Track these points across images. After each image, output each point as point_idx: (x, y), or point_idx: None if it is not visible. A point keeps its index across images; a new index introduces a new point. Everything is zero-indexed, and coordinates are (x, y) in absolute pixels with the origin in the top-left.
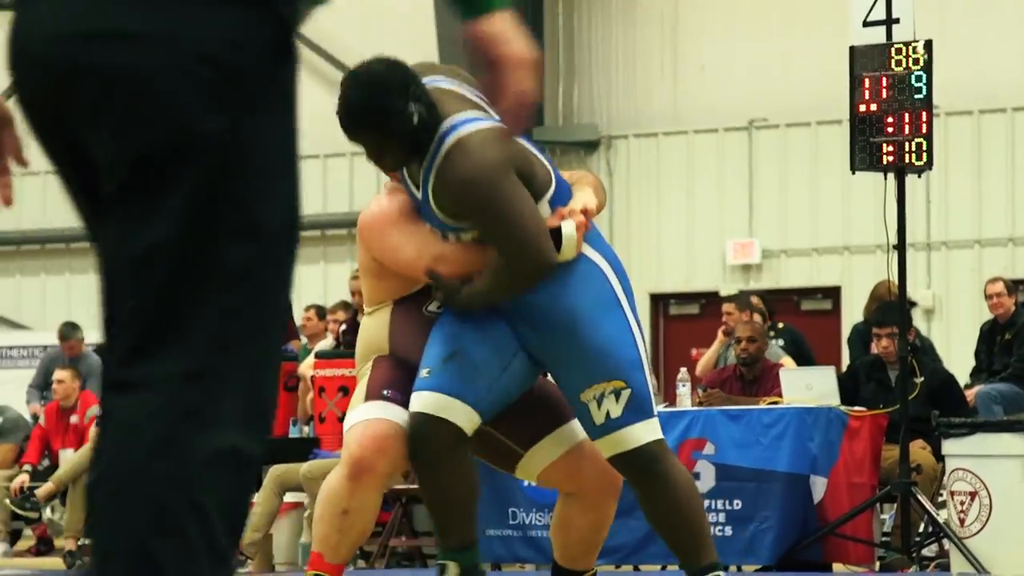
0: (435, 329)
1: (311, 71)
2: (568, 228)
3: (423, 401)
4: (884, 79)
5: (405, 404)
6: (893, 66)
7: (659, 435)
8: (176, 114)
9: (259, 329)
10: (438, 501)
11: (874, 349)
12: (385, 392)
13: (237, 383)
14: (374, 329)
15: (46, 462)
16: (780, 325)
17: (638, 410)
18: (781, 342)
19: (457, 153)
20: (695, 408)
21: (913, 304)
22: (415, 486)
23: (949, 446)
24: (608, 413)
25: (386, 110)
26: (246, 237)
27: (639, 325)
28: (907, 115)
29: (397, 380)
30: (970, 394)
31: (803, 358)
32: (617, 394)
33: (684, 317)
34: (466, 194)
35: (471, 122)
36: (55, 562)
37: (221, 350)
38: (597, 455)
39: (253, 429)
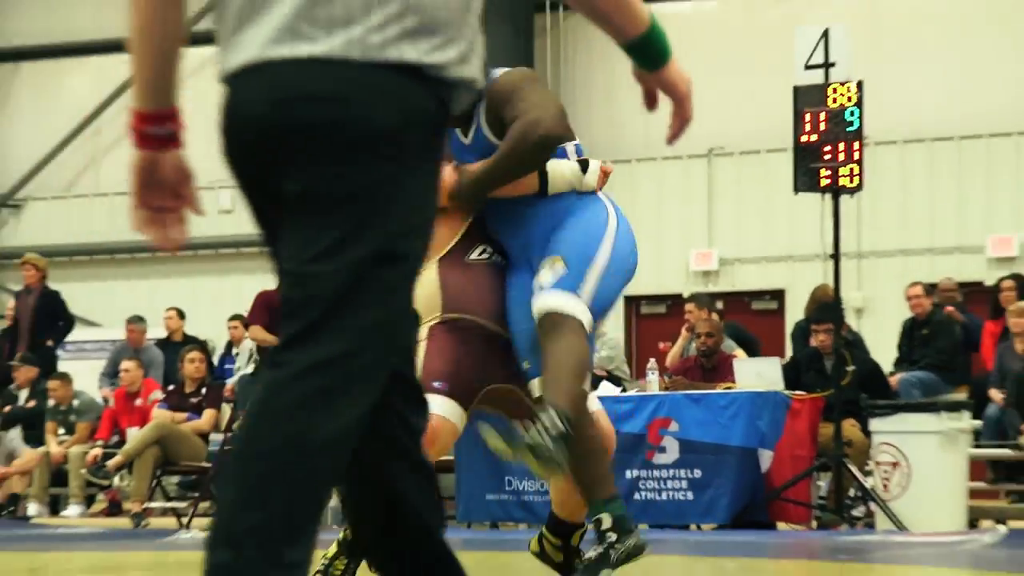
0: (509, 319)
1: None
2: (595, 163)
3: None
4: (823, 114)
5: (452, 395)
6: (830, 103)
7: (574, 313)
8: (352, 161)
9: (391, 336)
10: (583, 461)
11: (813, 343)
12: (435, 384)
13: (365, 378)
14: (420, 290)
15: (115, 438)
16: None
17: (561, 285)
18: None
19: (498, 78)
20: (662, 392)
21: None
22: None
23: (875, 424)
24: (540, 282)
25: None
26: (392, 262)
27: (616, 275)
28: (842, 145)
29: (447, 370)
30: (893, 380)
31: (745, 347)
32: (553, 267)
33: (653, 316)
34: (499, 89)
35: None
36: (124, 522)
37: (359, 349)
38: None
39: (365, 417)
